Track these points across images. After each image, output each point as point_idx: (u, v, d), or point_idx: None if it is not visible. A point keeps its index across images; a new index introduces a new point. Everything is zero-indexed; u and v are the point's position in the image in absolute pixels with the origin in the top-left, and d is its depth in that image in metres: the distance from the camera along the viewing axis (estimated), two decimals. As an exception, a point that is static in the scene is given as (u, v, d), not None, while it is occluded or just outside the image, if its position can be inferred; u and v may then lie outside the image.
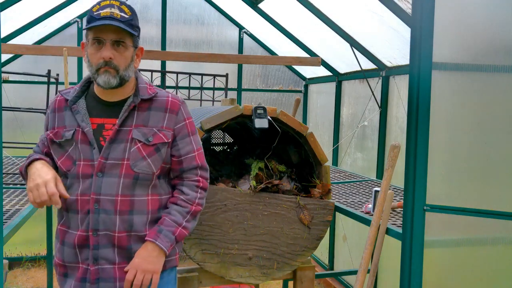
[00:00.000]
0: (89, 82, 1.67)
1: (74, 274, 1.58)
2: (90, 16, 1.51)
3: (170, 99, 1.64)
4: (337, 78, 4.80)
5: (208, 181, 1.70)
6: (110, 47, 1.52)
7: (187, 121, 1.65)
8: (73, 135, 1.57)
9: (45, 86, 3.10)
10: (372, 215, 2.35)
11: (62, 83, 3.13)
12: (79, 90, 1.63)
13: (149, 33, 5.08)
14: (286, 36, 4.73)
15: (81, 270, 1.57)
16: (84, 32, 1.57)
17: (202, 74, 4.70)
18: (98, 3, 1.53)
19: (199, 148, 1.68)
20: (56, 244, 1.64)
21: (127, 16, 1.52)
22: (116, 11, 1.50)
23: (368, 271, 2.32)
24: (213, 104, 4.71)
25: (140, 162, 1.56)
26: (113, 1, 1.53)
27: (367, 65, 4.09)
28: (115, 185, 1.54)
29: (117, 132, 1.57)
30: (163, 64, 5.11)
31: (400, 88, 3.79)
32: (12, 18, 3.82)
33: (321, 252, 5.05)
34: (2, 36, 3.71)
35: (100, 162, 1.54)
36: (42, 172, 1.51)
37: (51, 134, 1.60)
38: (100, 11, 1.50)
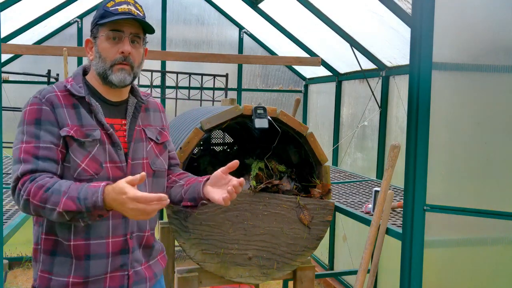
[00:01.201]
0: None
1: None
2: (105, 11, 1.47)
3: (156, 101, 1.74)
4: (337, 78, 4.80)
5: None
6: (129, 42, 1.49)
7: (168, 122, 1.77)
8: (100, 136, 1.48)
9: (45, 86, 3.10)
10: (372, 215, 2.35)
11: (62, 83, 3.13)
12: (84, 86, 1.53)
13: (149, 33, 5.11)
14: (286, 36, 4.73)
15: (113, 279, 1.49)
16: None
17: (202, 74, 4.70)
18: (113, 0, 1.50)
19: None
20: (66, 262, 1.46)
21: (141, 15, 1.51)
22: (132, 8, 1.48)
23: (368, 271, 2.32)
24: (213, 104, 4.71)
25: (156, 160, 1.60)
26: None
27: (367, 65, 4.08)
28: (143, 185, 1.52)
29: (136, 132, 1.56)
30: (163, 64, 5.11)
31: (400, 88, 3.79)
32: (12, 18, 3.82)
33: (321, 252, 5.05)
34: (2, 36, 3.71)
35: (129, 163, 1.52)
36: (120, 197, 1.26)
37: (72, 132, 1.43)
38: (117, 7, 1.47)
